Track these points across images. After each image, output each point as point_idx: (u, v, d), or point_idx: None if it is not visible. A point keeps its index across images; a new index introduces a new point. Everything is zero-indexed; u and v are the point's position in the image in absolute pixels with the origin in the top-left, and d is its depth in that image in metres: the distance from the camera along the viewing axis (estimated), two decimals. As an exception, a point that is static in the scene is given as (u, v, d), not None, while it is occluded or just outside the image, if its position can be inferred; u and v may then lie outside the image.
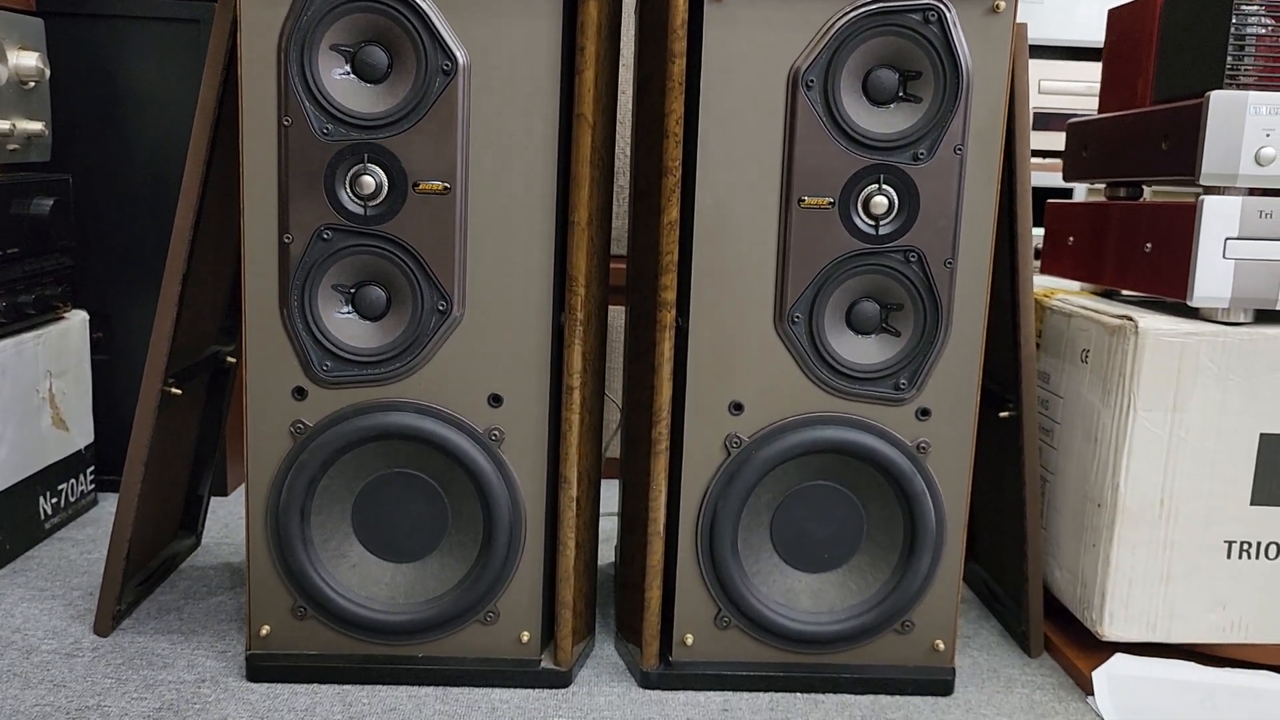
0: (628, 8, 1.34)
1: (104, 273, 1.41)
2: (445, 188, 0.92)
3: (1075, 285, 1.22)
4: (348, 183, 0.92)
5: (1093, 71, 1.59)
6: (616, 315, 1.53)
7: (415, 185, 0.92)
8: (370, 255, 0.93)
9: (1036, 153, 1.59)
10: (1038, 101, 1.59)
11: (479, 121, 0.91)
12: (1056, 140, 1.37)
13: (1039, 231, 1.37)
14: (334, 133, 0.91)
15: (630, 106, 1.08)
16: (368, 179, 0.91)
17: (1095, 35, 1.50)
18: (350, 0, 0.89)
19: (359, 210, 0.92)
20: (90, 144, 1.38)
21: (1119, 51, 1.17)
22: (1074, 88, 1.58)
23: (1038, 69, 1.60)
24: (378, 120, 0.91)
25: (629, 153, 1.29)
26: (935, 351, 0.96)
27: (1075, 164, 1.21)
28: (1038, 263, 1.29)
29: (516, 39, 0.90)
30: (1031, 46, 1.60)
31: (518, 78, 0.91)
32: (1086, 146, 1.18)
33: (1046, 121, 1.60)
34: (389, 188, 0.92)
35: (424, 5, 0.89)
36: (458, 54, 0.90)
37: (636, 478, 1.02)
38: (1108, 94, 1.18)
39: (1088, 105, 1.59)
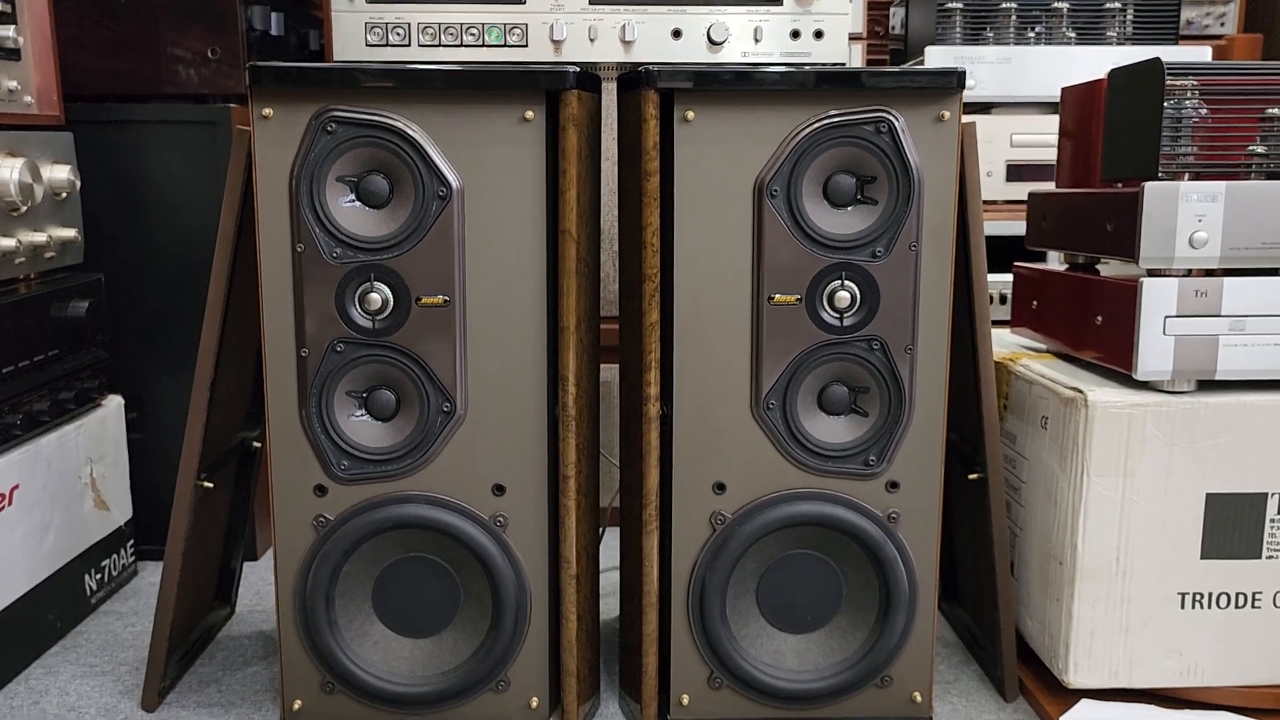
0: (609, 116, 1.43)
1: (136, 356, 1.51)
2: (445, 301, 1.01)
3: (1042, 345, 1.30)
4: (357, 300, 1.01)
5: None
6: (609, 371, 1.61)
7: (418, 299, 1.01)
8: (380, 364, 1.02)
9: (1012, 203, 1.67)
10: (1012, 155, 1.67)
11: (474, 239, 1.00)
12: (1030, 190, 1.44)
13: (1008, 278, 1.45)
14: (343, 256, 1.00)
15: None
16: (375, 296, 1.00)
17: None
18: (353, 137, 0.98)
19: (368, 324, 1.01)
20: (120, 240, 1.48)
21: (1071, 129, 1.25)
22: (1049, 140, 1.66)
23: (1012, 123, 1.68)
24: (382, 243, 1.00)
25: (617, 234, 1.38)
26: (900, 429, 1.05)
27: (1036, 232, 1.29)
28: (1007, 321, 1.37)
29: (505, 164, 0.99)
30: (1007, 102, 1.69)
31: (507, 199, 1.00)
32: (1045, 217, 1.26)
33: (1020, 173, 1.68)
34: (394, 303, 1.01)
35: (419, 138, 0.98)
36: (452, 180, 0.99)
37: (631, 552, 1.11)
38: (1063, 168, 1.26)
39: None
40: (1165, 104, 1.04)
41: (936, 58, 1.63)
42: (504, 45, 1.29)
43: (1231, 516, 1.07)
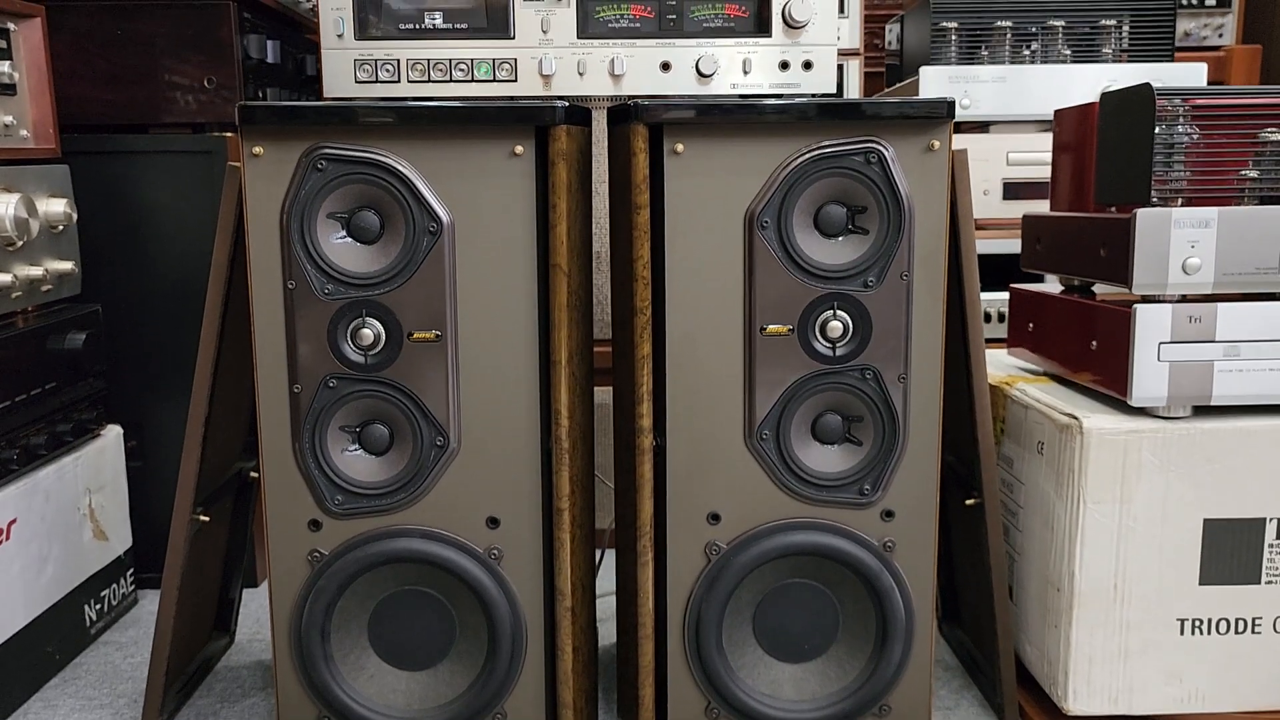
0: (600, 146, 1.43)
1: (135, 385, 1.51)
2: (437, 335, 1.01)
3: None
4: (349, 335, 1.01)
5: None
6: (604, 393, 1.61)
7: (410, 335, 1.01)
8: (373, 399, 1.02)
9: (1009, 221, 1.66)
10: (1009, 173, 1.67)
11: (465, 274, 1.01)
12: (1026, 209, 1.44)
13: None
14: (334, 292, 1.00)
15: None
16: (366, 331, 1.00)
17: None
18: (344, 174, 0.98)
19: (360, 360, 1.01)
20: (118, 270, 1.48)
21: (1065, 152, 1.24)
22: (1046, 158, 1.66)
23: (1009, 142, 1.67)
24: (373, 279, 1.00)
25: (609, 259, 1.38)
26: (895, 458, 1.04)
27: (1030, 255, 1.28)
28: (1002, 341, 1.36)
29: (495, 199, 0.99)
30: (1003, 121, 1.68)
31: (498, 233, 1.00)
32: (1040, 240, 1.26)
33: (1017, 191, 1.67)
34: (386, 338, 1.01)
35: (409, 173, 0.98)
36: (442, 215, 0.99)
37: (627, 583, 1.11)
38: (1058, 190, 1.26)
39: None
40: (1156, 128, 1.04)
41: (932, 77, 1.63)
42: (493, 80, 1.29)
43: (1230, 542, 1.06)
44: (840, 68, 1.66)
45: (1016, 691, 1.16)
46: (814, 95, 1.32)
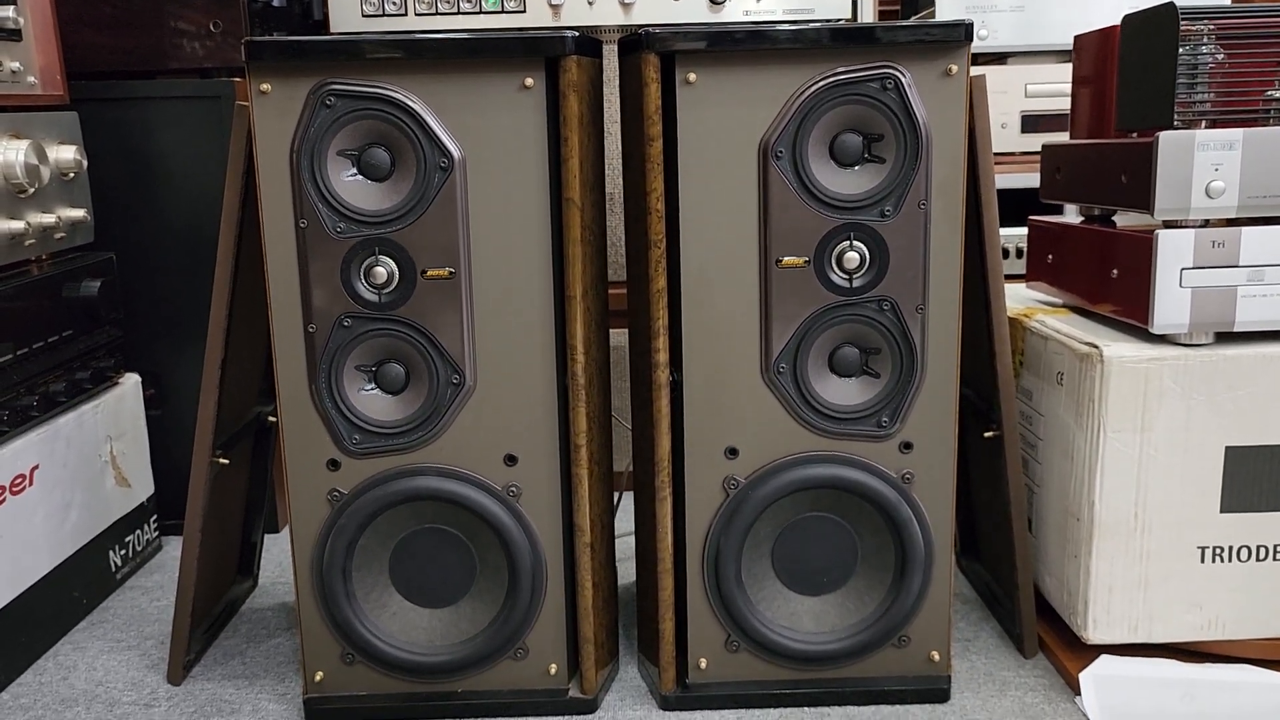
0: (610, 78, 1.41)
1: (151, 334, 1.51)
2: (450, 273, 1.00)
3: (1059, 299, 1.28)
4: (362, 274, 1.00)
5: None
6: (620, 335, 1.61)
7: (423, 272, 1.00)
8: (388, 338, 1.02)
9: (1028, 155, 1.64)
10: (1027, 106, 1.64)
11: (477, 210, 1.00)
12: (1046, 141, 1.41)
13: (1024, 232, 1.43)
14: (346, 230, 0.99)
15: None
16: (380, 270, 1.00)
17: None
18: (352, 110, 0.97)
19: (374, 298, 1.01)
20: (129, 217, 1.48)
21: (1086, 78, 1.22)
22: (1065, 89, 1.63)
23: (1027, 73, 1.64)
24: (385, 216, 0.99)
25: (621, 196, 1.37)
26: (913, 390, 1.04)
27: (1050, 185, 1.26)
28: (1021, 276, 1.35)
29: (506, 133, 0.98)
30: (1021, 51, 1.65)
31: (510, 168, 0.99)
32: (1060, 170, 1.24)
33: (1035, 124, 1.64)
34: (400, 276, 1.00)
35: (419, 108, 0.97)
36: (453, 150, 0.98)
37: (645, 519, 1.11)
38: (1078, 119, 1.24)
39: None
40: (1180, 50, 1.02)
41: (948, 7, 1.60)
42: (501, 11, 1.27)
43: (1252, 469, 1.06)
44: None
45: (1036, 622, 1.16)
46: (828, 21, 1.30)
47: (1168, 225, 1.03)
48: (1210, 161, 1.00)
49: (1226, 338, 1.05)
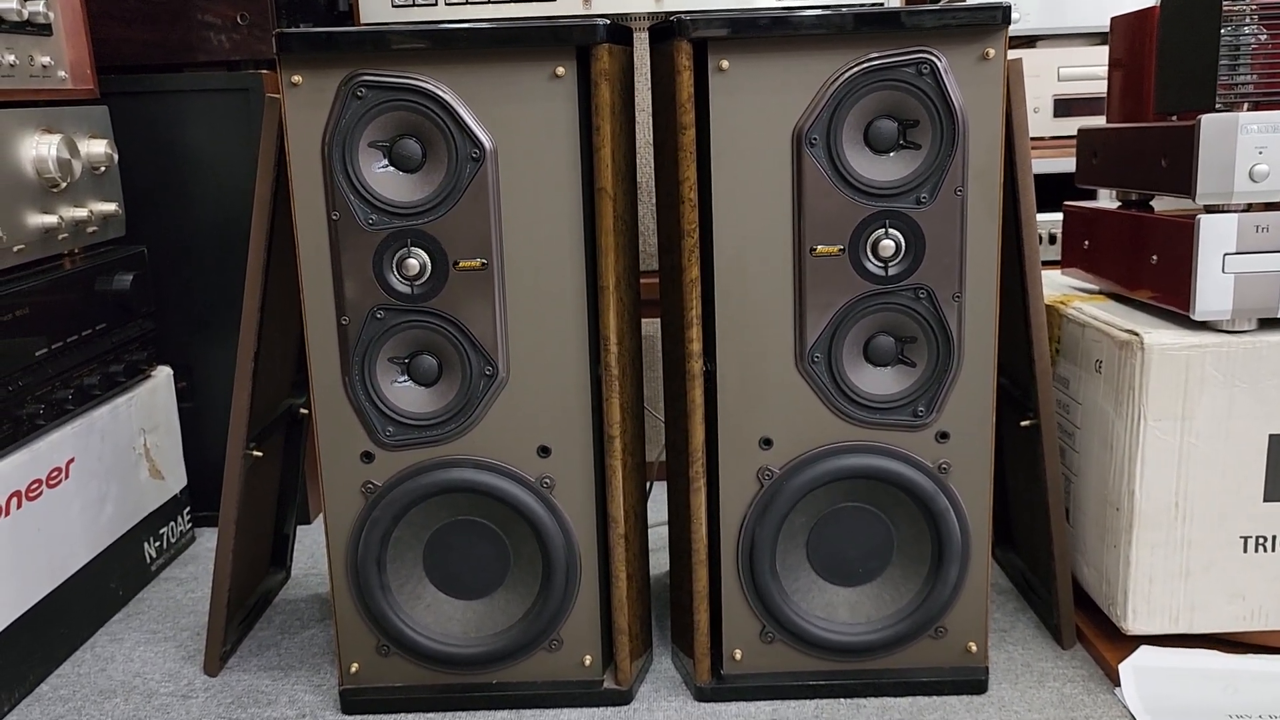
0: (641, 67, 1.40)
1: (183, 327, 1.52)
2: (483, 264, 1.00)
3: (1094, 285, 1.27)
4: (394, 266, 1.00)
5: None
6: (651, 325, 1.60)
7: (456, 264, 1.00)
8: (420, 329, 1.02)
9: (1061, 140, 1.62)
10: (1059, 90, 1.62)
11: (509, 201, 0.99)
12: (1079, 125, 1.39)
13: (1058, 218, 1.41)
14: (378, 222, 0.99)
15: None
16: (412, 262, 1.00)
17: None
18: (383, 101, 0.97)
19: (406, 290, 1.01)
20: (161, 212, 1.49)
21: (1122, 60, 1.20)
22: (1098, 73, 1.60)
23: (1059, 56, 1.62)
24: (417, 207, 0.99)
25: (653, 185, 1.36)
26: (949, 379, 1.03)
27: (1086, 169, 1.25)
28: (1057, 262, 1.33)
29: (538, 123, 0.98)
30: (1053, 34, 1.63)
31: (542, 158, 0.98)
32: (1096, 154, 1.22)
33: (1069, 108, 1.62)
34: (432, 268, 1.00)
35: (450, 99, 0.97)
36: (484, 141, 0.98)
37: (679, 509, 1.10)
38: (1114, 102, 1.22)
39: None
40: (1222, 29, 1.00)
41: (979, -10, 1.58)
42: (531, 0, 1.26)
43: (1295, 457, 1.04)
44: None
45: (1074, 613, 1.15)
46: (863, 5, 1.28)
47: (1209, 210, 1.01)
48: (1254, 144, 0.98)
49: (1270, 324, 1.03)
